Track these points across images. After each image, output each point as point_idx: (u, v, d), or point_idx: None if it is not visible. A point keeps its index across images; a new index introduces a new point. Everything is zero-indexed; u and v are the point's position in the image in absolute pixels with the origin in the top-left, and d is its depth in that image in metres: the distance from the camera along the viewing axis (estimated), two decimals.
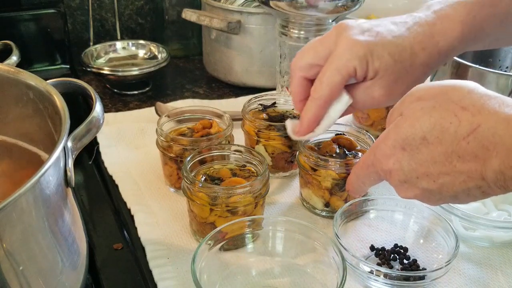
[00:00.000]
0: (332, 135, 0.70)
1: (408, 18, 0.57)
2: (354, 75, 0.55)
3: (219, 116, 0.73)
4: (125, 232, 0.65)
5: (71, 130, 0.46)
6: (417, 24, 0.56)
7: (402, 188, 0.50)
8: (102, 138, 0.81)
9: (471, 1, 0.56)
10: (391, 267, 0.58)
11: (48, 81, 0.50)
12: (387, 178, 0.51)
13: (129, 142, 0.82)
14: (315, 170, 0.64)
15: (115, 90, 0.98)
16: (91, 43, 1.05)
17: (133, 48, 1.06)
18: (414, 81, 0.55)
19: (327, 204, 0.66)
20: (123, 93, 0.98)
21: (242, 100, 0.86)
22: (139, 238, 0.63)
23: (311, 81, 0.58)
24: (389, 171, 0.49)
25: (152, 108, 0.88)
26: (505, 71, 0.93)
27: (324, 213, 0.67)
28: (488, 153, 0.42)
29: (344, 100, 0.57)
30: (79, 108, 0.86)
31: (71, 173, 0.45)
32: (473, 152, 0.43)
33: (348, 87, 0.57)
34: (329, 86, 0.55)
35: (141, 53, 1.06)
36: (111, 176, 0.74)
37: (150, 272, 0.58)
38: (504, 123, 0.42)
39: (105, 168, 0.76)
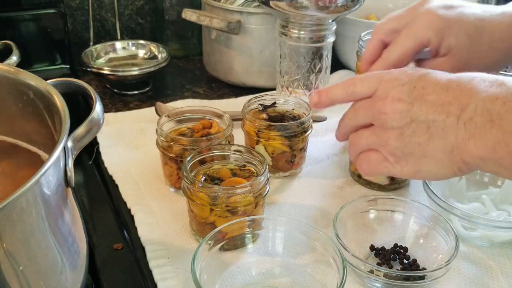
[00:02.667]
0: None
1: (497, 7, 0.58)
2: (427, 46, 0.58)
3: (219, 116, 0.73)
4: (125, 232, 0.65)
5: (71, 130, 0.46)
6: (504, 14, 0.56)
7: (374, 134, 0.54)
8: (102, 138, 0.81)
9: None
10: (391, 267, 0.58)
11: (48, 81, 0.50)
12: (373, 114, 0.53)
13: (129, 142, 0.82)
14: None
15: (115, 90, 0.98)
16: (91, 43, 1.05)
17: (133, 48, 1.06)
18: (485, 67, 0.56)
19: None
20: (123, 93, 0.98)
21: (242, 100, 0.86)
22: (139, 238, 0.63)
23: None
24: (384, 113, 0.52)
25: (152, 108, 0.88)
26: (505, 71, 0.93)
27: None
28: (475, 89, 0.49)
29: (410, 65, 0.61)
30: (79, 108, 0.86)
31: (71, 173, 0.45)
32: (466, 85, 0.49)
33: (419, 62, 0.61)
34: (401, 49, 0.58)
35: (141, 53, 1.06)
36: (111, 176, 0.74)
37: (150, 272, 0.58)
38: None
39: (105, 168, 0.76)
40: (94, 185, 0.74)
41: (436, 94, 0.50)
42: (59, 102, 0.47)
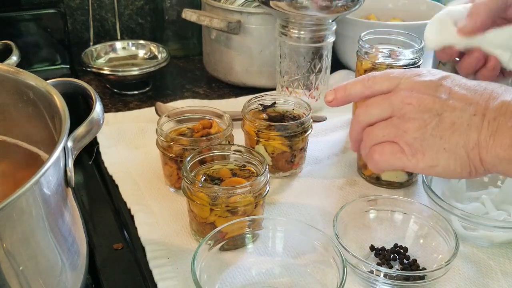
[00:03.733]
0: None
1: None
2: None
3: (219, 116, 0.73)
4: (125, 232, 0.65)
5: (71, 130, 0.46)
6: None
7: (391, 124, 0.54)
8: (102, 138, 0.81)
9: None
10: (391, 267, 0.58)
11: (48, 81, 0.50)
12: (393, 105, 0.55)
13: (129, 142, 0.82)
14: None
15: (115, 90, 0.98)
16: (91, 43, 1.05)
17: (133, 48, 1.06)
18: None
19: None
20: (123, 93, 0.98)
21: (242, 100, 0.86)
22: (139, 238, 0.63)
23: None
24: (409, 103, 0.53)
25: (152, 108, 0.88)
26: None
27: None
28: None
29: None
30: (79, 108, 0.86)
31: (71, 173, 0.45)
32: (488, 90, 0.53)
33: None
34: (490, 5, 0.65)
35: (141, 53, 1.05)
36: (111, 176, 0.74)
37: (150, 272, 0.58)
38: None
39: (105, 168, 0.76)
40: (94, 185, 0.74)
41: (463, 93, 0.52)
42: (59, 102, 0.47)
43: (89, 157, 0.79)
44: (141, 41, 1.06)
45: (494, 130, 0.50)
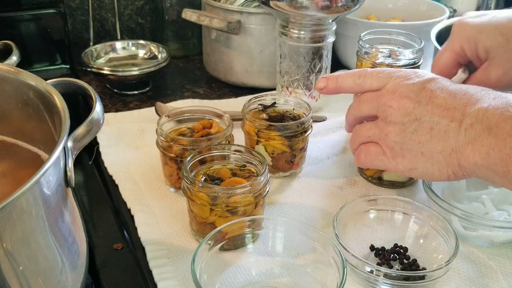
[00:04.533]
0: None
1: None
2: (464, 55, 0.62)
3: (219, 116, 0.73)
4: (125, 232, 0.65)
5: (71, 130, 0.46)
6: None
7: (376, 126, 0.56)
8: (102, 138, 0.81)
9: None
10: (391, 267, 0.58)
11: (48, 81, 0.50)
12: (378, 106, 0.56)
13: (129, 142, 0.82)
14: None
15: (115, 90, 0.98)
16: (91, 43, 1.05)
17: (133, 48, 1.06)
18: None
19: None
20: (123, 93, 0.98)
21: (242, 100, 0.86)
22: (139, 238, 0.63)
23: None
24: (390, 106, 0.54)
25: (152, 108, 0.88)
26: None
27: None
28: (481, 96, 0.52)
29: (459, 76, 0.64)
30: (79, 108, 0.86)
31: (71, 173, 0.45)
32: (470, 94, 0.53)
33: (470, 79, 0.64)
34: (439, 62, 0.63)
35: (141, 53, 1.05)
36: (111, 176, 0.74)
37: (150, 272, 0.58)
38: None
39: (105, 168, 0.76)
40: (94, 185, 0.74)
41: (443, 98, 0.52)
42: (59, 102, 0.47)
43: (89, 157, 0.79)
44: (141, 41, 1.06)
45: (471, 138, 0.50)
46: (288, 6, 0.80)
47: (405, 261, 0.60)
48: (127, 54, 1.05)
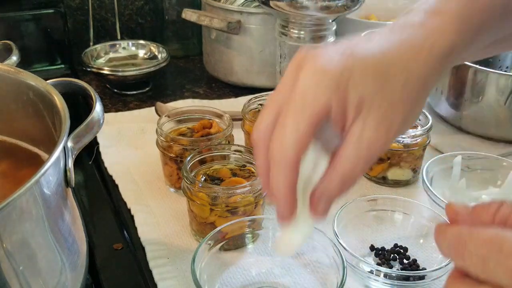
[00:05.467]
0: None
1: (392, 25, 0.43)
2: (327, 116, 0.38)
3: (219, 116, 0.73)
4: (125, 232, 0.65)
5: (71, 130, 0.46)
6: (404, 28, 0.42)
7: None
8: (102, 138, 0.81)
9: None
10: (391, 267, 0.58)
11: (48, 81, 0.50)
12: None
13: (129, 142, 0.82)
14: None
15: (115, 90, 0.98)
16: (91, 43, 1.04)
17: (133, 48, 1.06)
18: (413, 106, 0.40)
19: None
20: (123, 93, 0.98)
21: (242, 100, 0.86)
22: (139, 238, 0.63)
23: None
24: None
25: (152, 108, 0.88)
26: (505, 71, 0.93)
27: None
28: None
29: (323, 163, 0.40)
30: (79, 108, 0.86)
31: (71, 173, 0.45)
32: None
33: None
34: (294, 140, 0.37)
35: (141, 53, 1.06)
36: (111, 176, 0.74)
37: (150, 272, 0.58)
38: None
39: (105, 168, 0.76)
40: (94, 185, 0.74)
41: None
42: (59, 102, 0.47)
43: (89, 157, 0.79)
44: (141, 41, 1.06)
45: None
46: (288, 6, 0.80)
47: (405, 261, 0.60)
48: (127, 54, 1.05)
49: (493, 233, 0.31)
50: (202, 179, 0.62)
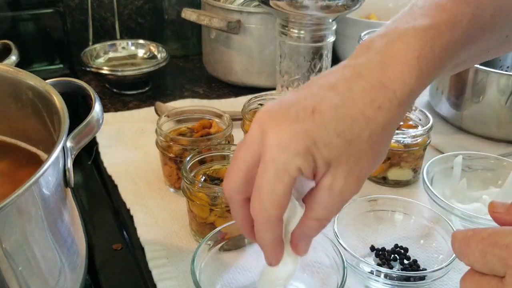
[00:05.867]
0: None
1: (347, 72, 0.41)
2: (299, 176, 0.40)
3: (219, 116, 0.72)
4: (124, 233, 0.65)
5: (70, 130, 0.45)
6: (361, 77, 0.40)
7: None
8: (102, 138, 0.81)
9: (423, 27, 0.41)
10: (391, 268, 0.58)
11: (47, 81, 0.50)
12: (508, 273, 0.35)
13: (129, 142, 0.82)
14: None
15: (115, 90, 0.98)
16: (91, 43, 1.04)
17: (133, 48, 1.06)
18: (381, 151, 0.42)
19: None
20: (123, 93, 0.97)
21: (242, 100, 0.85)
22: (138, 239, 0.63)
23: None
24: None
25: (152, 108, 0.88)
26: (506, 71, 0.93)
27: None
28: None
29: (298, 212, 0.43)
30: (79, 108, 0.86)
31: (70, 173, 0.45)
32: None
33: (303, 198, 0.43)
34: (273, 202, 0.40)
35: (141, 52, 1.05)
36: (110, 176, 0.74)
37: (149, 272, 0.58)
38: None
39: (105, 168, 0.76)
40: (93, 185, 0.74)
41: None
42: (58, 102, 0.47)
43: (88, 157, 0.78)
44: (141, 41, 1.06)
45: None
46: (288, 6, 0.80)
47: (405, 261, 0.59)
48: (126, 53, 1.05)
49: (491, 230, 0.36)
50: (202, 179, 0.62)
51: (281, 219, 0.41)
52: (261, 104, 0.76)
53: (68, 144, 0.46)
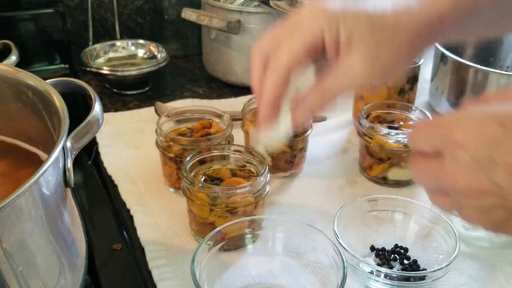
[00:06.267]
0: None
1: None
2: (321, 43, 0.45)
3: (219, 116, 0.72)
4: (124, 233, 0.65)
5: (70, 130, 0.45)
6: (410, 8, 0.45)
7: (458, 173, 0.38)
8: (102, 138, 0.81)
9: None
10: (391, 268, 0.58)
11: (47, 81, 0.50)
12: (451, 151, 0.39)
13: (129, 142, 0.82)
14: None
15: (115, 90, 0.98)
16: (91, 43, 1.04)
17: (133, 48, 1.06)
18: (400, 50, 0.45)
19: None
20: (123, 93, 0.97)
21: (242, 100, 0.85)
22: (138, 239, 0.63)
23: None
24: (463, 145, 0.37)
25: (152, 108, 0.88)
26: (506, 71, 0.93)
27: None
28: None
29: (310, 71, 0.47)
30: (79, 108, 0.86)
31: (70, 173, 0.45)
32: None
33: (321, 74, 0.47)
34: (290, 52, 0.45)
35: (141, 52, 1.05)
36: (110, 176, 0.74)
37: (149, 272, 0.58)
38: None
39: (105, 168, 0.76)
40: (93, 185, 0.74)
41: None
42: (58, 102, 0.47)
43: (88, 157, 0.78)
44: (141, 41, 1.06)
45: None
46: (288, 6, 0.80)
47: (405, 261, 0.59)
48: (126, 53, 1.05)
49: (440, 118, 0.40)
50: (202, 179, 0.62)
51: (287, 75, 0.46)
52: None
53: (68, 144, 0.46)
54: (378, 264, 0.59)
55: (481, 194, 0.38)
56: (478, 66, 0.78)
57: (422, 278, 0.54)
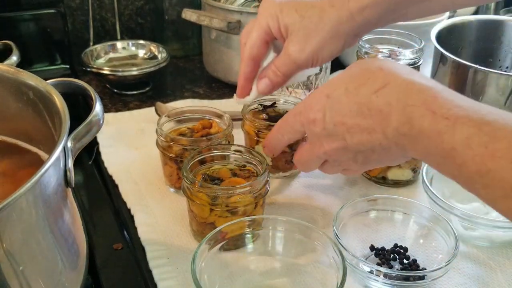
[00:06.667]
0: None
1: None
2: (270, 32, 0.61)
3: (219, 116, 0.73)
4: (125, 232, 0.65)
5: (71, 130, 0.46)
6: None
7: (321, 142, 0.53)
8: (102, 138, 0.81)
9: None
10: (391, 267, 0.58)
11: (48, 81, 0.50)
12: (309, 129, 0.53)
13: (129, 142, 0.82)
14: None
15: (115, 90, 0.98)
16: (91, 43, 1.04)
17: (133, 48, 1.06)
18: (325, 37, 0.58)
19: None
20: (123, 93, 0.98)
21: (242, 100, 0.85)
22: (139, 238, 0.63)
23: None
24: (313, 120, 0.52)
25: (152, 108, 0.88)
26: (505, 71, 0.93)
27: None
28: (390, 109, 0.46)
29: (270, 55, 0.63)
30: (79, 108, 0.86)
31: (71, 173, 0.45)
32: (379, 107, 0.47)
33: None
34: (250, 43, 0.62)
35: (141, 53, 1.06)
36: (111, 176, 0.74)
37: (150, 272, 0.58)
38: (404, 84, 0.46)
39: (105, 168, 0.76)
40: (94, 185, 0.74)
41: (357, 125, 0.49)
42: (59, 102, 0.47)
43: (89, 157, 0.79)
44: (141, 41, 1.06)
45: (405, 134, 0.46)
46: None
47: (405, 261, 0.60)
48: (127, 54, 1.05)
49: (289, 112, 0.58)
50: (202, 179, 0.62)
51: (251, 61, 0.63)
52: (261, 104, 0.76)
53: (69, 144, 0.46)
54: (378, 264, 0.59)
55: (342, 150, 0.51)
56: (477, 66, 0.78)
57: (422, 277, 0.54)
